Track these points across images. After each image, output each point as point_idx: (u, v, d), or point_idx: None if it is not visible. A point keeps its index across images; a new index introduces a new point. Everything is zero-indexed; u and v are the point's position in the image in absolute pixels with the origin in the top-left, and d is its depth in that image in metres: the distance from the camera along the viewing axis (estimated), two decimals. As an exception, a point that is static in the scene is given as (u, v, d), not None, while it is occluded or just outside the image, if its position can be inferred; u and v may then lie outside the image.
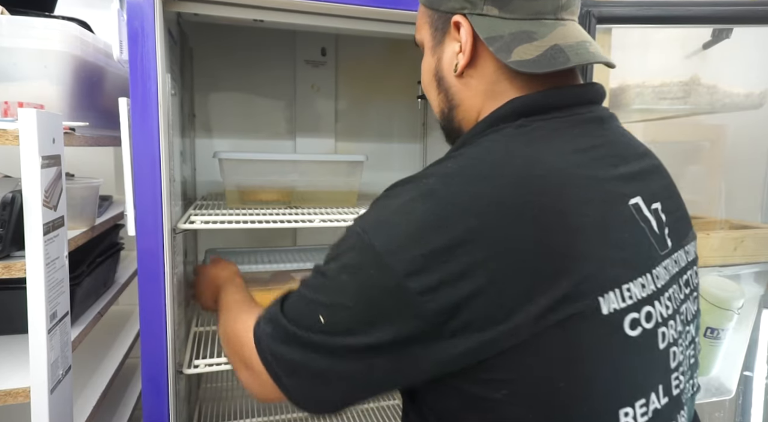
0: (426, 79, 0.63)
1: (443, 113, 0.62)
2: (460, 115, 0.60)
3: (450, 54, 0.58)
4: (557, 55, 0.51)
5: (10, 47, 0.78)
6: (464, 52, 0.55)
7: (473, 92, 0.57)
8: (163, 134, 0.76)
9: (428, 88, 0.63)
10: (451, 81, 0.59)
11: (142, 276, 0.77)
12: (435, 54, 0.60)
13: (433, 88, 0.62)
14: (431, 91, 0.63)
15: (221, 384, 1.31)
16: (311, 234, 1.45)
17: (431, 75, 0.62)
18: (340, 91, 1.46)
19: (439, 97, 0.61)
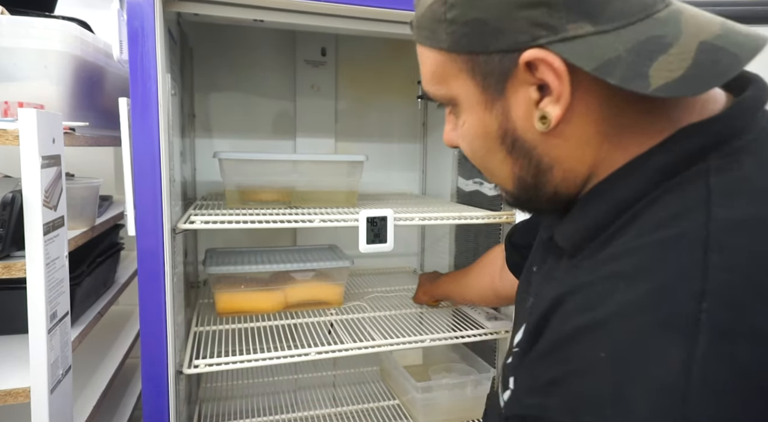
0: (480, 145, 0.46)
1: (523, 183, 0.45)
2: (558, 177, 0.44)
3: (524, 105, 0.41)
4: (717, 56, 0.36)
5: (10, 47, 0.78)
6: (560, 96, 0.39)
7: (575, 143, 0.42)
8: (163, 134, 0.76)
9: (486, 156, 0.46)
10: (535, 139, 0.42)
11: (142, 276, 0.77)
12: (493, 111, 0.43)
13: (498, 155, 0.45)
14: (493, 160, 0.46)
15: (221, 384, 1.31)
16: (311, 234, 1.45)
17: (492, 139, 0.44)
18: (340, 91, 1.46)
19: (514, 164, 0.45)
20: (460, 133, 0.48)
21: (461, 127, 0.47)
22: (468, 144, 0.47)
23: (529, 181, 0.45)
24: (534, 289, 0.52)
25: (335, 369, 1.44)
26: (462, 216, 1.03)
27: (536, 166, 0.44)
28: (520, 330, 0.47)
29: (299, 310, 1.15)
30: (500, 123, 0.43)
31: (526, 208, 0.50)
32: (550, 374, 0.35)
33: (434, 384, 1.11)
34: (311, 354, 0.95)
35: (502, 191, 0.51)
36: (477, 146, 0.47)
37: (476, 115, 0.44)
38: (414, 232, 1.60)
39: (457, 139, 0.49)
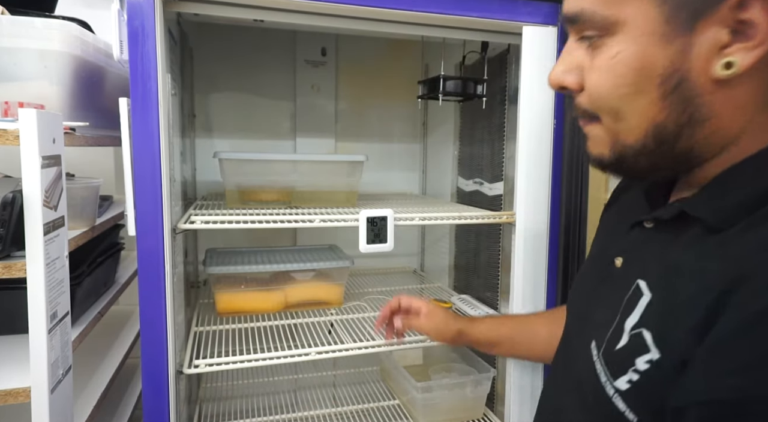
0: (628, 81, 0.42)
1: (661, 132, 0.43)
2: (701, 133, 0.42)
3: (709, 47, 0.39)
4: None
5: (10, 47, 0.78)
6: (763, 43, 0.38)
7: (741, 100, 0.41)
8: (164, 134, 0.76)
9: (629, 95, 0.43)
10: (703, 86, 0.40)
11: (142, 276, 0.77)
12: (670, 46, 0.40)
13: (646, 96, 0.42)
14: (635, 100, 0.43)
15: (221, 384, 1.31)
16: (311, 234, 1.45)
17: (649, 77, 0.41)
18: (340, 91, 1.46)
19: (662, 109, 0.42)
20: (601, 64, 0.44)
21: (606, 59, 0.43)
22: (611, 78, 0.43)
23: (670, 130, 0.42)
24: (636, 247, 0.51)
25: (335, 369, 1.44)
26: (462, 216, 1.03)
27: (690, 115, 0.42)
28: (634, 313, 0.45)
29: (299, 310, 1.15)
30: (672, 61, 0.40)
31: (631, 166, 0.46)
32: (756, 352, 0.34)
33: (434, 384, 1.11)
34: (311, 354, 0.95)
35: (602, 147, 0.47)
36: (623, 81, 0.42)
37: (643, 46, 0.41)
38: (414, 232, 1.60)
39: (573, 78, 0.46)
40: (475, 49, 1.16)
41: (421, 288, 1.41)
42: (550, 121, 0.95)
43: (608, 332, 0.47)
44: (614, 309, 0.48)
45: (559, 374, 0.60)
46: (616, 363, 0.45)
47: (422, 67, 1.52)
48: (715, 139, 0.43)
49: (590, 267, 0.62)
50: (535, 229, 0.97)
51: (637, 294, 0.46)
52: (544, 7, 0.91)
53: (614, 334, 0.46)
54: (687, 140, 0.43)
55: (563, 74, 0.47)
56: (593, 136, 0.48)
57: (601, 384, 0.46)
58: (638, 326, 0.44)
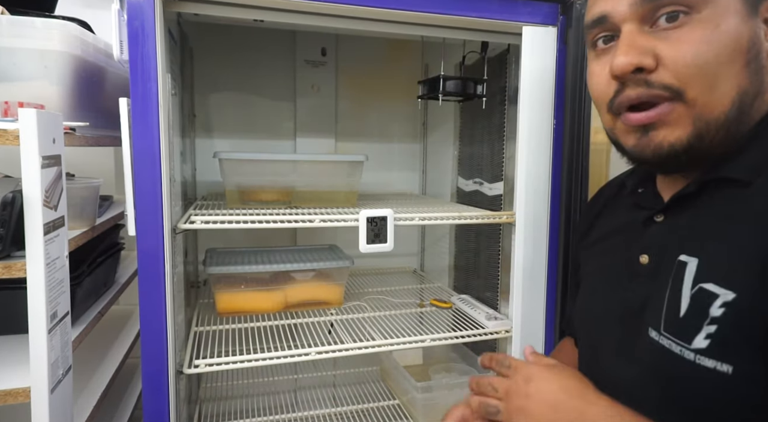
0: (726, 52, 0.47)
1: (744, 99, 0.48)
2: (758, 106, 0.49)
3: (766, 28, 0.49)
4: None
5: (10, 47, 0.78)
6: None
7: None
8: (164, 134, 0.76)
9: (725, 64, 0.47)
10: (765, 61, 0.49)
11: (142, 276, 0.77)
12: (749, 20, 0.47)
13: (736, 65, 0.47)
14: (729, 69, 0.47)
15: (221, 384, 1.31)
16: (311, 234, 1.45)
17: (743, 44, 0.47)
18: (340, 91, 1.46)
19: (745, 77, 0.48)
20: (696, 37, 0.47)
21: (707, 31, 0.47)
22: (712, 48, 0.47)
23: (750, 98, 0.48)
24: (659, 240, 0.54)
25: (335, 369, 1.44)
26: (462, 216, 1.03)
27: (759, 86, 0.48)
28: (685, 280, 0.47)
29: (299, 310, 1.15)
30: (751, 35, 0.47)
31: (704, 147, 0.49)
32: None
33: (434, 384, 1.11)
34: (311, 354, 0.95)
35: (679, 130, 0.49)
36: (724, 51, 0.47)
37: (733, 22, 0.47)
38: (414, 232, 1.60)
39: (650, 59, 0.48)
40: (475, 49, 1.16)
41: (421, 288, 1.41)
42: (550, 121, 0.95)
43: (662, 311, 0.49)
44: (660, 292, 0.50)
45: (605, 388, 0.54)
46: (686, 327, 0.46)
47: (422, 67, 1.52)
48: (760, 113, 0.49)
49: (602, 279, 0.63)
50: (535, 229, 0.97)
51: (682, 266, 0.49)
52: (544, 7, 0.91)
53: (671, 307, 0.48)
54: (752, 112, 0.49)
55: (638, 57, 0.48)
56: (670, 119, 0.49)
57: (677, 355, 0.46)
58: (695, 284, 0.46)
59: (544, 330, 1.00)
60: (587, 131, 0.93)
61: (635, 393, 0.52)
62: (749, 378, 0.42)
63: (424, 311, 1.19)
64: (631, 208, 0.62)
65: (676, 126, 0.49)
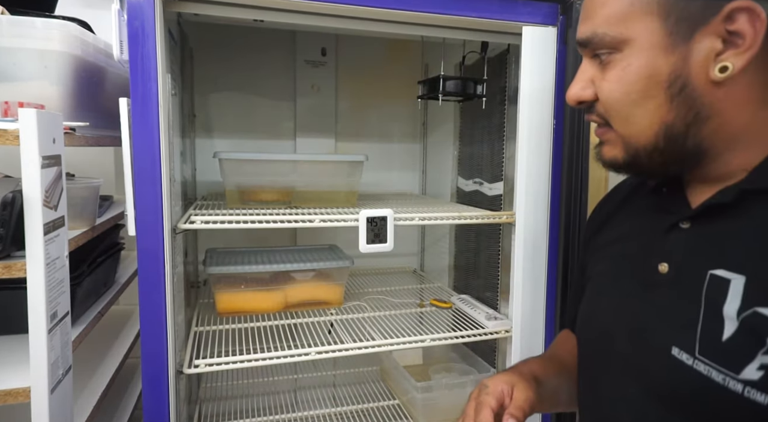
0: (638, 88, 0.49)
1: (670, 132, 0.49)
2: (707, 130, 0.48)
3: (705, 54, 0.46)
4: None
5: (10, 47, 0.78)
6: (749, 47, 0.45)
7: (738, 101, 0.47)
8: (164, 134, 0.76)
9: (640, 100, 0.49)
10: (704, 88, 0.47)
11: (142, 276, 0.77)
12: (672, 55, 0.47)
13: (654, 100, 0.48)
14: (644, 105, 0.49)
15: (221, 384, 1.31)
16: (311, 234, 1.45)
17: (656, 83, 0.48)
18: (340, 91, 1.46)
19: (669, 111, 0.48)
20: (612, 76, 0.50)
21: (618, 71, 0.50)
22: (623, 87, 0.50)
23: (678, 128, 0.49)
24: (683, 249, 0.51)
25: (335, 369, 1.44)
26: (462, 216, 1.03)
27: (695, 114, 0.48)
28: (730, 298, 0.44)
29: (299, 310, 1.15)
30: (674, 68, 0.47)
31: (644, 165, 0.52)
32: None
33: (434, 384, 1.11)
34: (311, 354, 0.95)
35: (615, 150, 0.53)
36: (634, 89, 0.49)
37: (648, 57, 0.48)
38: (414, 232, 1.60)
39: (589, 92, 0.53)
40: (475, 49, 1.16)
41: (421, 288, 1.41)
42: (550, 121, 0.95)
43: (697, 330, 0.46)
44: (690, 308, 0.47)
45: (606, 401, 0.55)
46: (733, 354, 0.43)
47: (422, 67, 1.52)
48: (721, 134, 0.49)
49: (615, 284, 0.59)
50: (535, 229, 0.97)
51: (723, 283, 0.45)
52: (544, 7, 0.91)
53: (709, 328, 0.45)
54: (694, 137, 0.49)
55: (581, 91, 0.54)
56: (607, 140, 0.55)
57: (718, 384, 0.43)
58: (747, 307, 0.43)
59: (544, 330, 1.00)
60: (587, 131, 0.93)
61: (640, 414, 0.50)
62: None
63: (424, 311, 1.19)
64: (651, 209, 0.59)
65: (613, 146, 0.54)
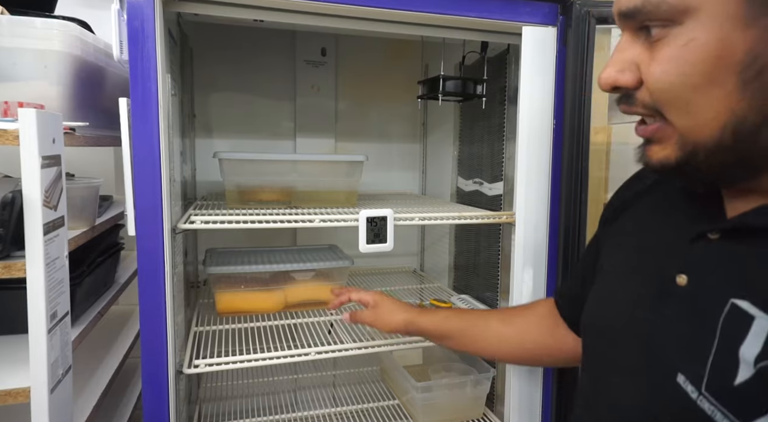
0: (701, 71, 0.39)
1: (742, 125, 0.39)
2: None
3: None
4: None
5: (10, 47, 0.78)
6: None
7: None
8: (163, 134, 0.76)
9: (702, 86, 0.40)
10: None
11: (142, 276, 0.77)
12: (750, 30, 0.37)
13: (722, 87, 0.39)
14: (709, 92, 0.39)
15: (221, 384, 1.31)
16: (311, 234, 1.45)
17: (726, 65, 0.38)
18: (340, 91, 1.46)
19: (742, 99, 0.39)
20: (667, 56, 0.41)
21: (678, 49, 0.40)
22: (681, 68, 0.40)
23: (751, 123, 0.39)
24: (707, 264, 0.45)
25: (335, 369, 1.44)
26: (462, 216, 1.03)
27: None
28: (749, 340, 0.39)
29: (299, 310, 1.15)
30: (752, 46, 0.37)
31: (701, 169, 0.42)
32: None
33: (434, 384, 1.11)
34: (311, 354, 0.95)
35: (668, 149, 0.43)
36: (697, 70, 0.39)
37: (719, 32, 0.38)
38: (414, 232, 1.60)
39: (629, 76, 0.43)
40: (475, 49, 1.16)
41: (421, 288, 1.41)
42: (550, 121, 0.95)
43: (707, 363, 0.41)
44: (703, 334, 0.42)
45: (605, 408, 0.52)
46: (743, 402, 0.38)
47: (422, 67, 1.52)
48: None
49: (627, 285, 0.54)
50: (535, 229, 0.97)
51: (744, 318, 0.40)
52: (544, 7, 0.91)
53: (721, 365, 0.40)
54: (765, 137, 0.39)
55: (617, 73, 0.44)
56: (657, 137, 0.45)
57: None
58: (766, 357, 0.37)
59: (544, 330, 1.00)
60: (587, 131, 0.93)
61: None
62: None
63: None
64: (678, 210, 0.52)
65: (665, 144, 0.44)
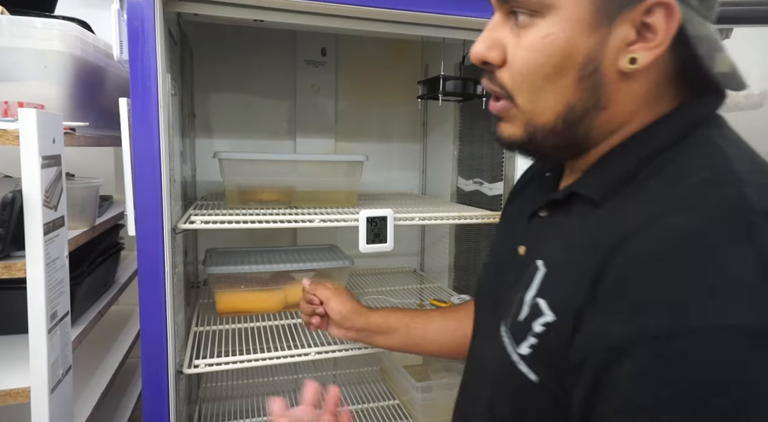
0: (553, 62, 0.45)
1: (570, 114, 0.46)
2: (599, 120, 0.47)
3: (619, 41, 0.43)
4: (740, 73, 0.45)
5: (10, 47, 0.78)
6: (659, 44, 0.42)
7: (632, 95, 0.46)
8: (163, 134, 0.76)
9: (551, 76, 0.45)
10: (610, 76, 0.44)
11: (142, 276, 0.77)
12: (593, 35, 0.44)
13: (565, 79, 0.45)
14: (554, 82, 0.46)
15: (221, 384, 1.31)
16: (311, 234, 1.45)
17: (572, 62, 0.44)
18: (340, 91, 1.46)
19: (575, 93, 0.45)
20: (529, 44, 0.45)
21: (537, 39, 0.45)
22: (539, 58, 0.45)
23: (577, 113, 0.46)
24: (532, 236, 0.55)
25: (335, 369, 1.44)
26: (462, 216, 1.03)
27: (595, 102, 0.46)
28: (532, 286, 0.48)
29: (299, 310, 1.15)
30: (592, 48, 0.44)
31: (539, 146, 0.50)
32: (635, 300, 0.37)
33: (434, 384, 1.11)
34: (311, 354, 0.95)
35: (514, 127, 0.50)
36: (550, 62, 0.45)
37: (570, 31, 0.44)
38: (414, 232, 1.60)
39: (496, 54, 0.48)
40: (475, 49, 1.16)
41: (421, 288, 1.41)
42: (550, 121, 0.95)
43: (512, 309, 0.50)
44: (519, 290, 0.51)
45: (473, 361, 0.62)
46: (519, 332, 0.48)
47: (422, 67, 1.52)
48: (607, 126, 0.47)
49: (494, 257, 0.65)
50: (535, 229, 0.97)
51: (534, 271, 0.49)
52: (544, 7, 0.91)
53: (517, 308, 0.49)
54: (587, 124, 0.47)
55: (486, 49, 0.49)
56: (507, 116, 0.51)
57: (508, 353, 0.49)
58: (536, 296, 0.47)
59: (544, 330, 1.00)
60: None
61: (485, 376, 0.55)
62: (551, 392, 0.44)
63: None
64: (535, 190, 0.62)
65: (513, 123, 0.51)
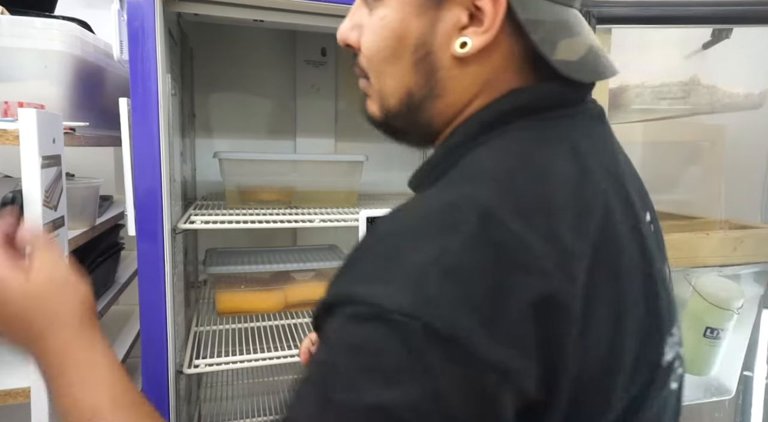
0: (389, 45, 0.44)
1: (411, 99, 0.45)
2: (436, 108, 0.45)
3: (450, 24, 0.42)
4: (598, 61, 0.43)
5: (10, 47, 0.78)
6: (488, 29, 0.40)
7: (470, 82, 0.43)
8: (163, 134, 0.76)
9: (390, 58, 0.44)
10: (444, 61, 0.43)
11: (142, 276, 0.77)
12: (422, 18, 0.42)
13: (402, 61, 0.44)
14: (394, 65, 0.44)
15: (221, 384, 1.31)
16: (311, 234, 1.45)
17: (406, 45, 0.43)
18: (340, 91, 1.46)
19: (413, 76, 0.44)
20: (370, 25, 0.45)
21: (377, 20, 0.44)
22: (378, 40, 0.45)
23: (416, 98, 0.45)
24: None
25: (335, 369, 1.44)
26: (462, 216, 1.03)
27: (430, 88, 0.44)
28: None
29: (299, 310, 1.15)
30: (423, 31, 0.43)
31: (392, 127, 0.50)
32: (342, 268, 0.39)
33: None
34: (311, 354, 0.95)
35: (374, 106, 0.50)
36: (386, 45, 0.44)
37: (402, 14, 0.43)
38: (414, 232, 1.60)
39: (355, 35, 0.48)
40: (475, 49, 1.16)
41: (421, 288, 1.41)
42: (550, 121, 0.95)
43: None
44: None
45: None
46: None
47: (422, 67, 1.52)
48: (447, 112, 0.45)
49: None
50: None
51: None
52: (544, 7, 0.91)
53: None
54: (426, 112, 0.45)
55: (348, 31, 0.49)
56: (369, 93, 0.50)
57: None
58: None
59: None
60: (587, 131, 0.93)
61: None
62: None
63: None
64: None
65: (373, 102, 0.50)
